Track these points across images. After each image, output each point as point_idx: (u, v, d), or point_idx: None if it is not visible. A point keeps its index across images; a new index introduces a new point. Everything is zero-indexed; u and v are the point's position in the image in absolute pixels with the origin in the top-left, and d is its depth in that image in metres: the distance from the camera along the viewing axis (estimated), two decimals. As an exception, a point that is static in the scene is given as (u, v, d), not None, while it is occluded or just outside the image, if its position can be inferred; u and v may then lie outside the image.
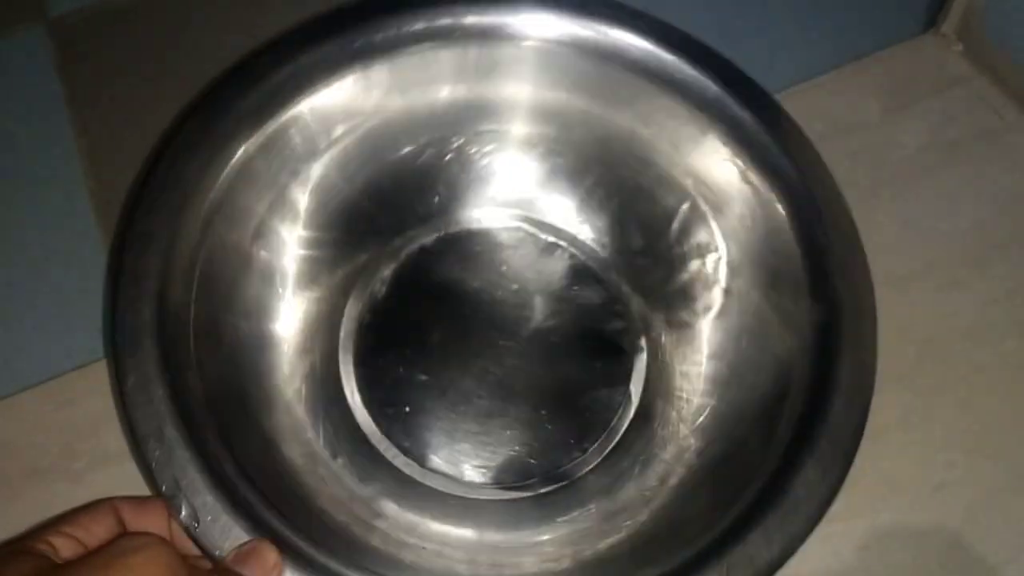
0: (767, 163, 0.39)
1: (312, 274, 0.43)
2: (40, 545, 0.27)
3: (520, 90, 0.43)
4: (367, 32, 0.40)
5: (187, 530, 0.30)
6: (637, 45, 0.41)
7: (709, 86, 0.40)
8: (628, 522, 0.37)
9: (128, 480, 0.40)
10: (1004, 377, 0.42)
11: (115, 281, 0.34)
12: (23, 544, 0.27)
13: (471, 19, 0.41)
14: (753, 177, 0.39)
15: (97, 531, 0.29)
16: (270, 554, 0.30)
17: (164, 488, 0.31)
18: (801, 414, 0.33)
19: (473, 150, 0.45)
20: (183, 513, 0.30)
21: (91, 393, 0.42)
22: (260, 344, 0.40)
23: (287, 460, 0.38)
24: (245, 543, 0.30)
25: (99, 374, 0.43)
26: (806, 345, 0.35)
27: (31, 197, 0.52)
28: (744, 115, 0.39)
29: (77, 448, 0.41)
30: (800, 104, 0.52)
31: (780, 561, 0.31)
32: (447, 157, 0.44)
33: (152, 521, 0.31)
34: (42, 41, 0.59)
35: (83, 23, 0.61)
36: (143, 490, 0.34)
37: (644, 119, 0.42)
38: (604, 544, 0.36)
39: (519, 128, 0.44)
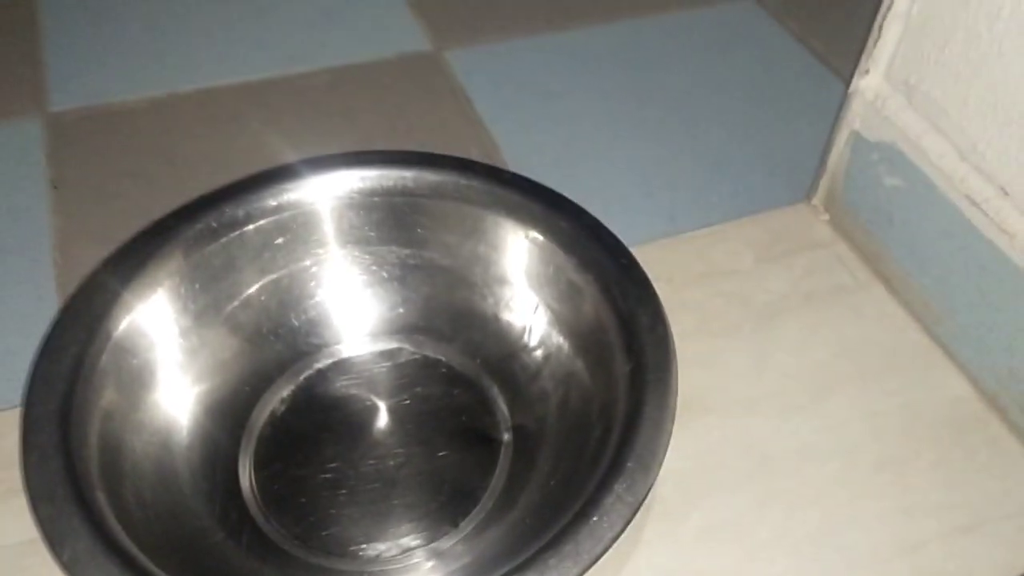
0: (585, 259, 0.47)
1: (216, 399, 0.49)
2: None
3: (368, 235, 0.52)
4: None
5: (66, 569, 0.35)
6: (462, 183, 0.50)
7: (534, 206, 0.49)
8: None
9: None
10: (825, 492, 0.47)
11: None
12: None
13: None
14: (574, 274, 0.47)
15: None
16: None
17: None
18: (617, 442, 0.40)
19: (347, 287, 0.53)
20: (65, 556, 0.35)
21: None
22: (163, 456, 0.46)
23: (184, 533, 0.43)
24: None
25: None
26: (622, 390, 0.42)
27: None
28: (565, 224, 0.48)
29: (-3, 476, 0.46)
30: (688, 248, 0.60)
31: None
32: (315, 298, 0.53)
33: None
34: (37, 131, 0.68)
35: (79, 120, 0.69)
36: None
37: (489, 243, 0.50)
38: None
39: (391, 264, 0.53)
